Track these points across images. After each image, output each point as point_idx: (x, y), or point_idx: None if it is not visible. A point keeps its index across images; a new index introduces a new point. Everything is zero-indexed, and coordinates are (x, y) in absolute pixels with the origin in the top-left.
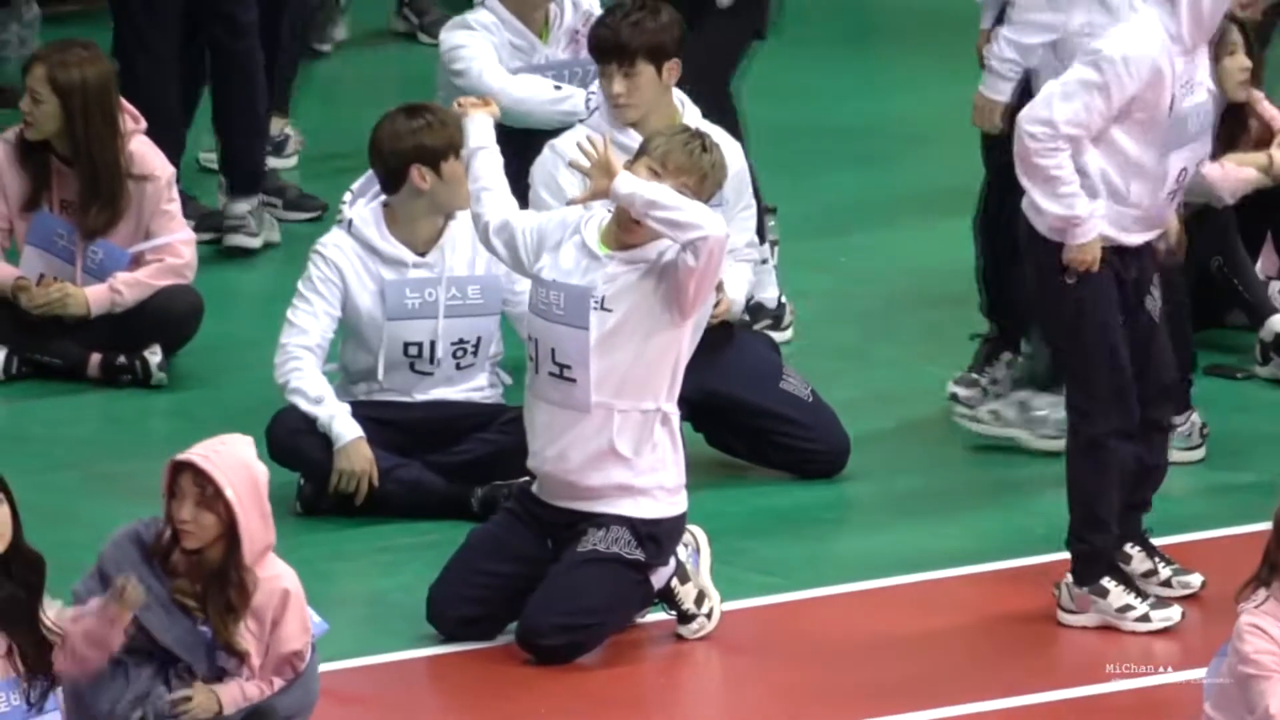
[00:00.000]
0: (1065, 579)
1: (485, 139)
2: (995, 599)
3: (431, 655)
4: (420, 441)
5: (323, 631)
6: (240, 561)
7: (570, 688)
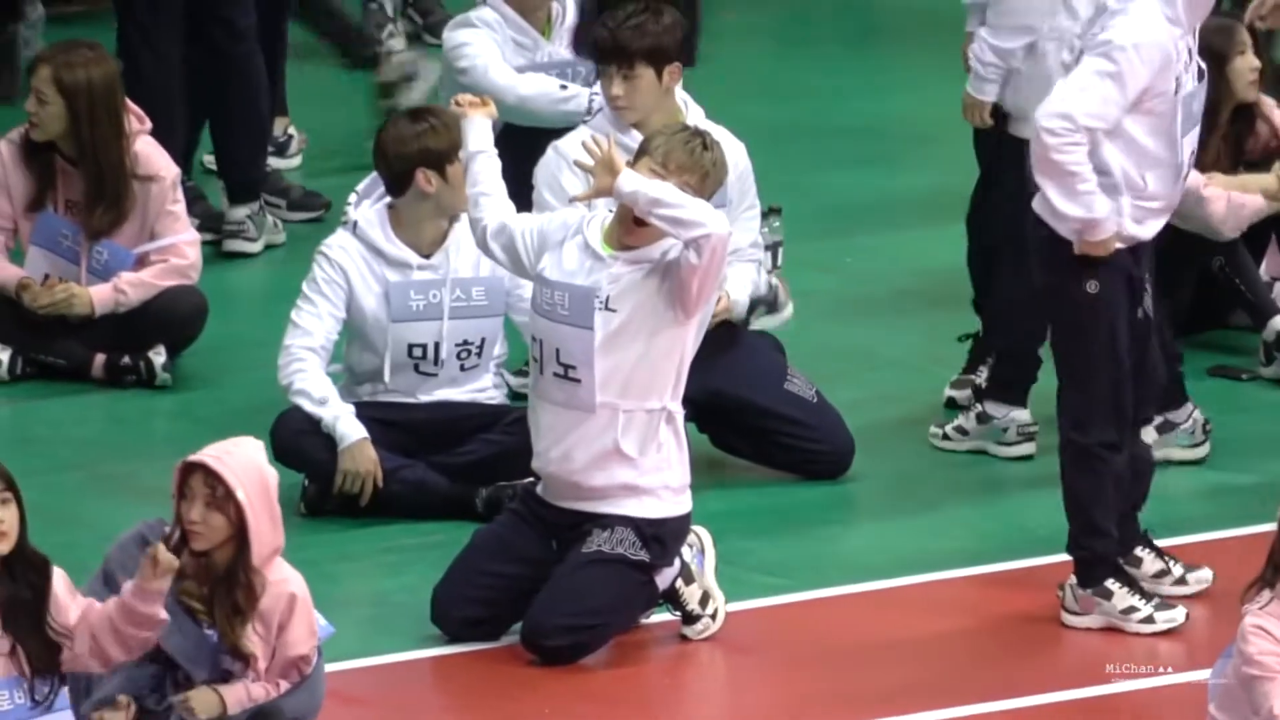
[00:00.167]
0: (1069, 581)
1: (484, 143)
2: (999, 600)
3: (436, 656)
4: (425, 442)
5: (328, 635)
6: (249, 563)
7: (575, 688)
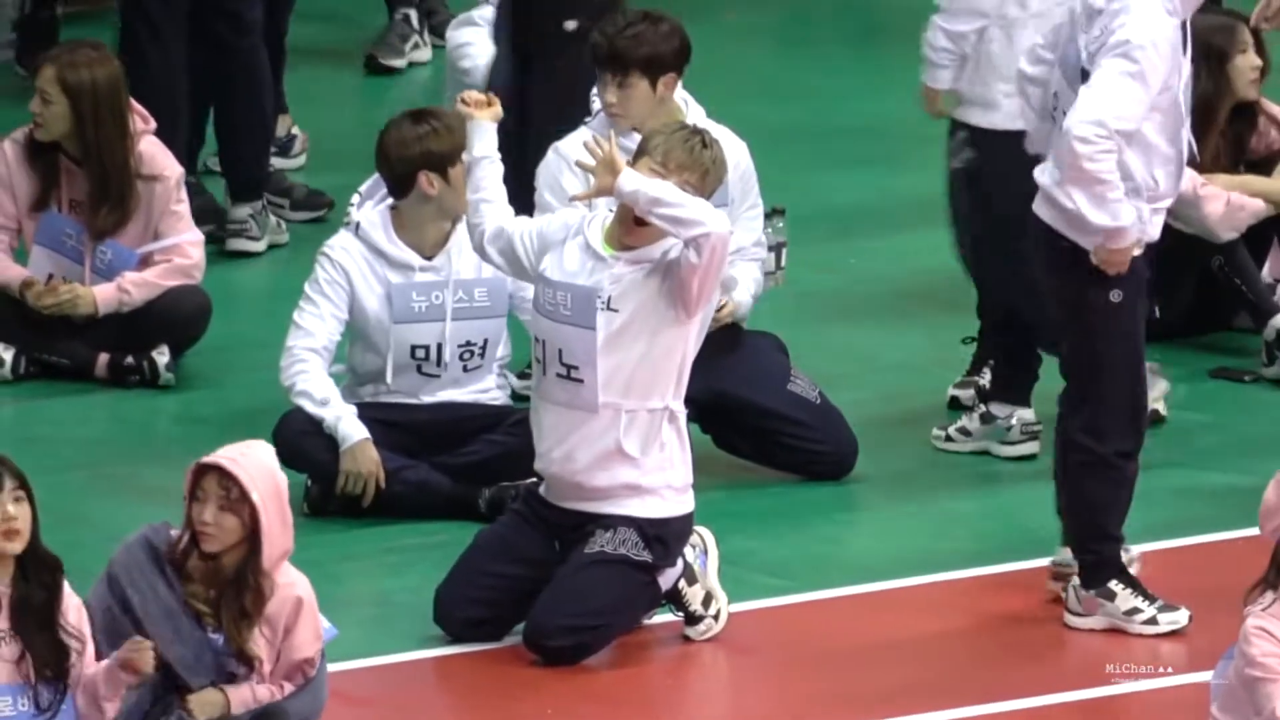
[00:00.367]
0: (1072, 581)
1: (488, 148)
2: (1001, 601)
3: (438, 656)
4: (427, 443)
5: (332, 637)
6: (259, 566)
7: (577, 689)
